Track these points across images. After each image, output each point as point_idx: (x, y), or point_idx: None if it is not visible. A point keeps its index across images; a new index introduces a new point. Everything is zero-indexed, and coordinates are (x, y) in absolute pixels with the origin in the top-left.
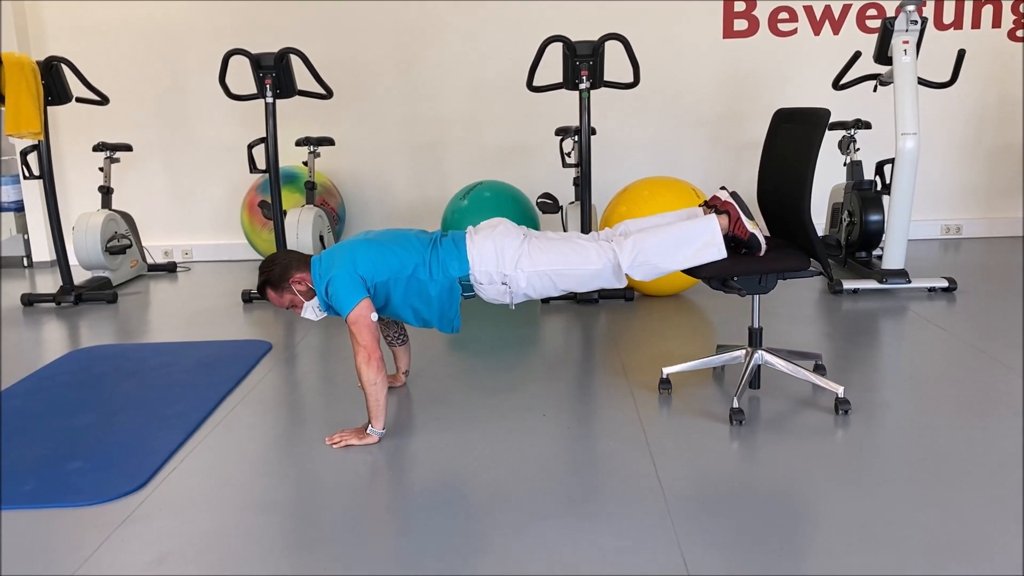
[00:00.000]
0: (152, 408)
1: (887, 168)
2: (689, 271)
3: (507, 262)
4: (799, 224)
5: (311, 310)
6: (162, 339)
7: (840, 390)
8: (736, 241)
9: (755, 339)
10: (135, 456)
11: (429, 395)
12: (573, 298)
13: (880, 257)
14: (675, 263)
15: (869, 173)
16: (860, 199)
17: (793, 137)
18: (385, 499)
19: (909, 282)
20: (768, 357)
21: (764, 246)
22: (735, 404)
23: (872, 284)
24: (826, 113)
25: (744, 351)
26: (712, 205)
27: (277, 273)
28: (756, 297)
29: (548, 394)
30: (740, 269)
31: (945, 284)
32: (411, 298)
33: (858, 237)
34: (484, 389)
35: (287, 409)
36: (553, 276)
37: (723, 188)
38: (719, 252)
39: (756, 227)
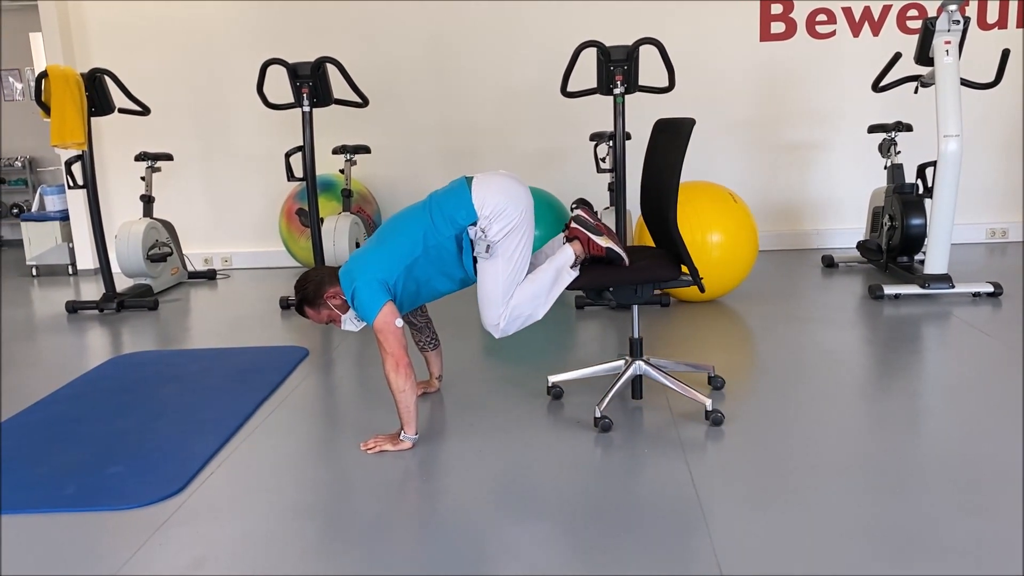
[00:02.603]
0: (191, 413)
1: (929, 171)
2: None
3: (497, 219)
4: (667, 233)
5: (350, 322)
6: (201, 345)
7: (708, 403)
8: (599, 259)
9: (635, 349)
10: (173, 461)
11: (462, 401)
12: (608, 304)
13: (922, 262)
14: (543, 308)
15: (911, 176)
16: (901, 203)
17: (665, 148)
18: (418, 505)
19: (952, 287)
20: (645, 367)
21: (625, 256)
22: (597, 412)
23: (914, 289)
24: (690, 122)
25: (624, 360)
26: (572, 237)
27: (311, 291)
28: (635, 307)
29: (581, 400)
30: (611, 280)
31: (990, 289)
32: (436, 266)
33: (899, 241)
34: (517, 395)
35: (323, 415)
36: (491, 260)
37: (575, 202)
38: (572, 274)
39: (610, 240)
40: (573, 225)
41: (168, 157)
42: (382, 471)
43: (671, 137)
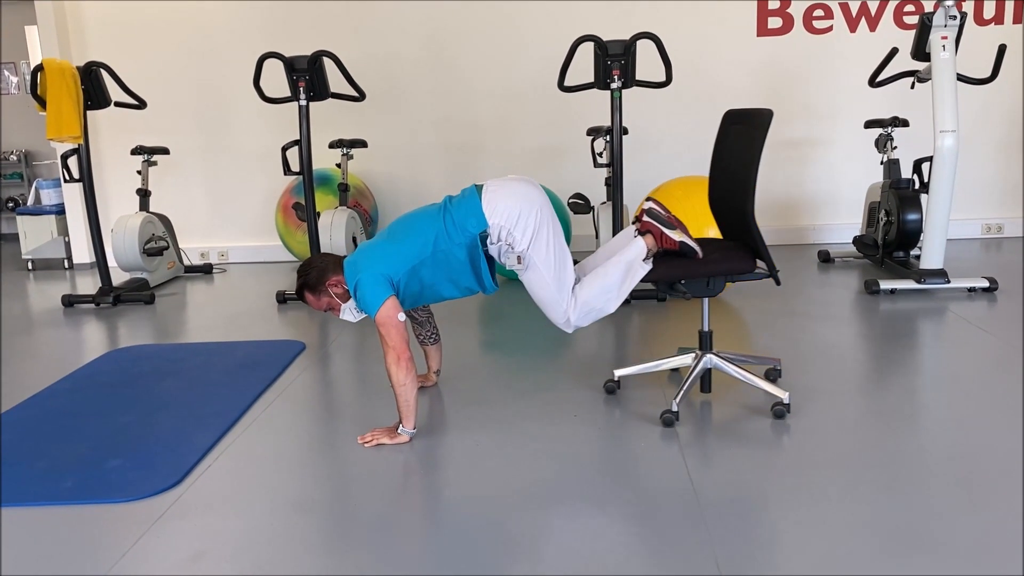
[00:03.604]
0: (188, 407)
1: (925, 166)
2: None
3: (519, 227)
4: (744, 226)
5: (349, 312)
6: (198, 339)
7: (785, 396)
8: (671, 253)
9: (705, 343)
10: (172, 454)
11: (461, 395)
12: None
13: (918, 257)
14: (616, 301)
15: (907, 171)
16: (898, 198)
17: (739, 139)
18: (417, 499)
19: (948, 282)
20: (717, 361)
21: (698, 250)
22: (672, 406)
23: (910, 284)
24: (768, 113)
25: (694, 354)
26: (639, 227)
27: (314, 277)
28: (705, 300)
29: (580, 395)
30: (685, 273)
31: (986, 284)
32: (443, 271)
33: (895, 237)
34: (516, 390)
35: (320, 408)
36: (530, 270)
37: (648, 199)
38: (645, 267)
39: (683, 234)
40: (645, 219)
41: (164, 151)
42: (380, 464)
43: (748, 128)
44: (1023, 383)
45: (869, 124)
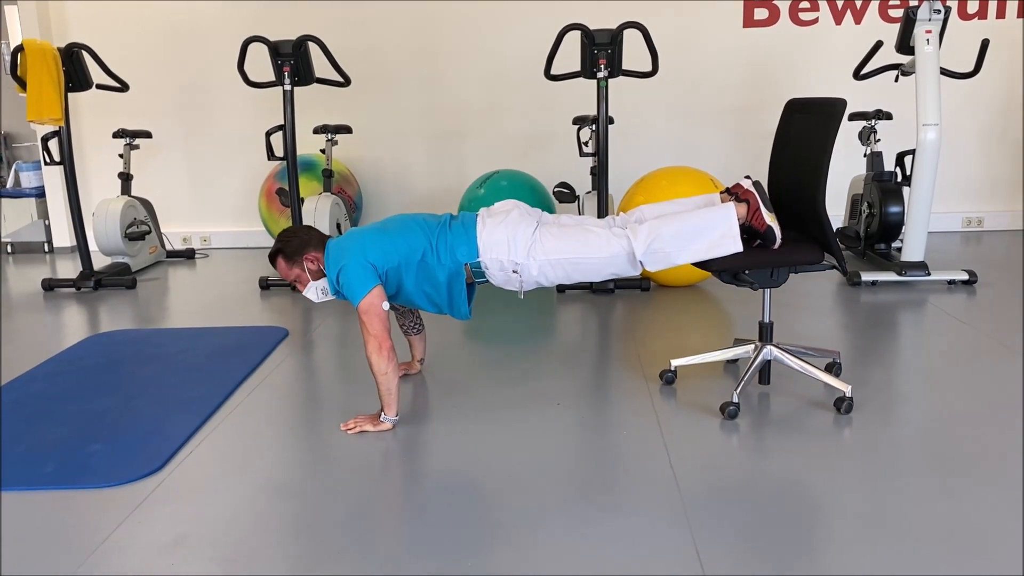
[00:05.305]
0: (170, 392)
1: (908, 159)
2: (700, 264)
3: (519, 250)
4: (814, 217)
5: (314, 290)
6: (180, 325)
7: (847, 390)
8: (751, 232)
9: (765, 334)
10: (153, 440)
11: (445, 383)
12: (589, 288)
13: (900, 249)
14: (689, 254)
15: (890, 164)
16: (880, 190)
17: (808, 128)
18: (399, 486)
19: (929, 274)
20: (777, 353)
21: (779, 240)
22: (734, 398)
23: (891, 276)
24: (843, 103)
25: (754, 345)
26: (733, 192)
27: (293, 246)
28: (767, 291)
29: (563, 384)
30: (751, 262)
31: (965, 277)
32: (422, 283)
33: (877, 229)
34: (499, 378)
35: (303, 395)
36: (566, 265)
37: (747, 177)
38: (735, 245)
39: (774, 220)
40: (747, 187)
41: (147, 135)
42: (362, 451)
43: (818, 119)
44: (1023, 376)
45: (853, 116)
